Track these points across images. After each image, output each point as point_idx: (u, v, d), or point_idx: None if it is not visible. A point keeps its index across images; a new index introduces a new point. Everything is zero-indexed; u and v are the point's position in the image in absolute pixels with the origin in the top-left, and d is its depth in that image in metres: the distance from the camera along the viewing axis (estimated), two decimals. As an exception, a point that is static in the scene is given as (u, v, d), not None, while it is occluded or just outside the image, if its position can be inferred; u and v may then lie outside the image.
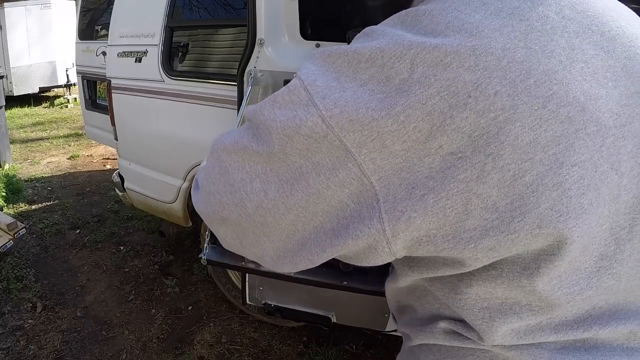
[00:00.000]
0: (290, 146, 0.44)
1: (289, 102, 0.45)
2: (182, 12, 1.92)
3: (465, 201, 0.40)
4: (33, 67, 7.56)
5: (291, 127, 0.43)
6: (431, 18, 0.43)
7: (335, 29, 1.56)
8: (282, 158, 0.45)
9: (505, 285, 0.46)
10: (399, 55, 0.41)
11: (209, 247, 1.23)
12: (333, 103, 0.42)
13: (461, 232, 0.41)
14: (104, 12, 3.15)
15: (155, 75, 1.94)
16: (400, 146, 0.40)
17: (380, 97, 0.40)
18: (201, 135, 1.83)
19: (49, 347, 2.01)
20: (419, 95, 0.39)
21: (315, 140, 0.43)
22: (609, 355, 0.48)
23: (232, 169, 0.50)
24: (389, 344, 2.00)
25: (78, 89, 3.53)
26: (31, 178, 4.17)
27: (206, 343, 2.05)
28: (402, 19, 0.46)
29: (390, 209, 0.41)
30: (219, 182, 0.51)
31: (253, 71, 1.40)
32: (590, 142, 0.40)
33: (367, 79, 0.42)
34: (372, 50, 0.42)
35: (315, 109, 0.42)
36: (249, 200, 0.48)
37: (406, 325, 0.62)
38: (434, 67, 0.39)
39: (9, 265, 2.59)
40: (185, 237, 2.93)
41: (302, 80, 0.45)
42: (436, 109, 0.39)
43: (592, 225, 0.42)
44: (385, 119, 0.40)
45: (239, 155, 0.49)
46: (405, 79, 0.40)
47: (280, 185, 0.46)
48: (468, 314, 0.49)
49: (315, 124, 0.42)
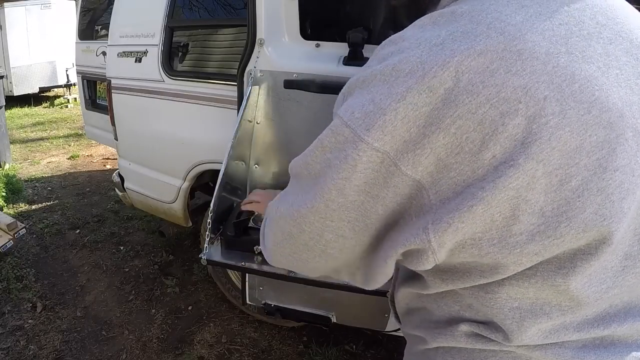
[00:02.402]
0: (348, 187, 0.44)
1: (336, 144, 0.44)
2: (182, 12, 1.92)
3: (514, 207, 0.40)
4: (33, 67, 7.55)
5: (346, 169, 0.43)
6: (470, 19, 0.41)
7: (335, 29, 1.56)
8: (342, 203, 0.45)
9: (539, 285, 0.46)
10: (442, 64, 0.39)
11: (209, 247, 1.23)
12: (380, 131, 0.40)
13: (507, 236, 0.41)
14: (104, 12, 3.15)
15: (155, 75, 1.93)
16: (454, 159, 0.39)
17: (427, 111, 0.39)
18: (201, 135, 1.83)
19: (49, 347, 2.01)
20: (468, 105, 0.38)
21: (372, 172, 0.42)
22: (626, 351, 0.49)
23: (296, 233, 0.51)
24: (389, 344, 2.00)
25: (78, 89, 3.53)
26: (31, 178, 4.17)
27: (206, 343, 2.05)
28: (434, 20, 0.44)
29: (437, 220, 0.41)
30: (291, 246, 0.53)
31: (253, 71, 1.40)
32: (628, 147, 0.40)
33: (405, 91, 0.40)
34: (412, 63, 0.40)
35: (364, 144, 0.41)
36: (331, 248, 0.50)
37: (417, 327, 0.61)
38: (480, 74, 0.38)
39: (9, 265, 2.59)
40: (185, 237, 2.93)
41: (341, 118, 0.44)
42: (487, 118, 0.38)
43: (625, 227, 0.43)
44: (437, 133, 0.39)
45: (298, 219, 0.49)
46: (451, 88, 0.38)
47: (352, 226, 0.47)
48: (497, 313, 0.49)
49: (369, 158, 0.41)
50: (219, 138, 1.67)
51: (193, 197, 2.18)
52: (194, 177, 1.93)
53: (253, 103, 1.44)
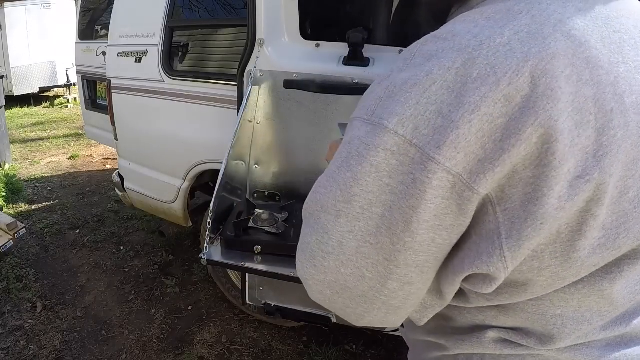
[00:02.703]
0: (416, 221, 0.38)
1: (399, 166, 0.38)
2: (182, 12, 1.92)
3: (582, 222, 0.38)
4: (33, 67, 7.55)
5: (414, 195, 0.37)
6: (532, 18, 0.38)
7: (335, 29, 1.56)
8: (410, 243, 0.40)
9: (585, 291, 0.45)
10: (516, 69, 0.35)
11: (209, 247, 1.23)
12: (453, 148, 0.36)
13: (571, 251, 0.40)
14: (104, 12, 3.15)
15: (155, 75, 1.93)
16: (532, 172, 0.36)
17: (504, 123, 0.35)
18: (201, 135, 1.83)
19: (49, 347, 2.01)
20: (549, 112, 0.35)
21: (443, 200, 0.37)
22: None
23: (352, 284, 0.43)
24: (389, 344, 2.00)
25: (78, 89, 3.53)
26: (31, 178, 4.17)
27: (206, 343, 2.04)
28: (488, 16, 0.40)
29: (513, 246, 0.38)
30: (344, 300, 0.46)
31: (253, 71, 1.40)
32: None
33: (478, 101, 0.35)
34: (480, 66, 0.36)
35: (434, 164, 0.36)
36: (394, 298, 0.44)
37: (432, 333, 0.58)
38: (557, 78, 0.35)
39: (9, 265, 2.59)
40: (185, 237, 2.93)
41: (399, 134, 0.37)
42: (566, 127, 0.35)
43: None
44: (517, 146, 0.35)
45: (357, 264, 0.42)
46: (528, 95, 0.35)
47: (420, 270, 0.42)
48: (538, 320, 0.47)
49: (440, 182, 0.37)
50: (219, 138, 1.67)
51: (193, 197, 2.18)
52: (194, 177, 1.93)
53: (253, 103, 1.44)
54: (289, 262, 1.18)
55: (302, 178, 1.52)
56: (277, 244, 1.23)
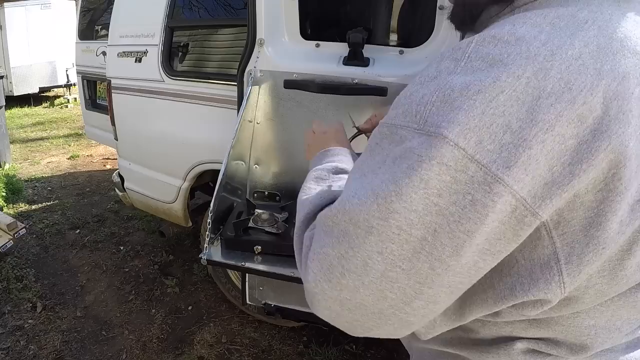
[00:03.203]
0: (469, 245, 0.35)
1: (453, 184, 0.33)
2: (182, 12, 1.92)
3: (632, 242, 0.38)
4: (33, 67, 7.55)
5: (472, 219, 0.33)
6: (599, 30, 0.35)
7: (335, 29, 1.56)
8: (453, 266, 0.36)
9: (621, 302, 0.44)
10: (590, 87, 0.33)
11: (209, 247, 1.23)
12: (523, 170, 0.32)
13: (618, 269, 0.40)
14: (104, 12, 3.15)
15: (155, 75, 1.93)
16: (594, 196, 0.34)
17: (574, 145, 0.33)
18: (201, 135, 1.83)
19: (49, 347, 2.01)
20: (621, 136, 0.33)
21: (500, 224, 0.34)
22: None
23: (372, 303, 0.39)
24: (389, 344, 2.00)
25: (78, 89, 3.53)
26: (31, 178, 4.17)
27: (206, 343, 2.04)
28: (551, 22, 0.36)
29: (573, 271, 0.37)
30: (355, 316, 0.41)
31: (253, 71, 1.40)
32: None
33: (554, 119, 0.32)
34: (554, 80, 0.33)
35: (501, 186, 0.32)
36: (413, 315, 0.39)
37: (449, 344, 0.55)
38: (627, 100, 0.33)
39: (9, 265, 2.59)
40: (185, 237, 2.93)
41: (461, 148, 0.33)
42: (634, 152, 0.34)
43: None
44: (588, 172, 0.33)
45: (382, 288, 0.37)
46: (600, 117, 0.33)
47: (451, 291, 0.39)
48: (573, 331, 0.46)
49: (503, 206, 0.33)
50: (219, 138, 1.67)
51: (193, 197, 2.18)
52: (194, 177, 1.93)
53: (253, 103, 1.43)
54: (289, 262, 1.18)
55: (302, 178, 1.51)
56: (277, 244, 1.23)
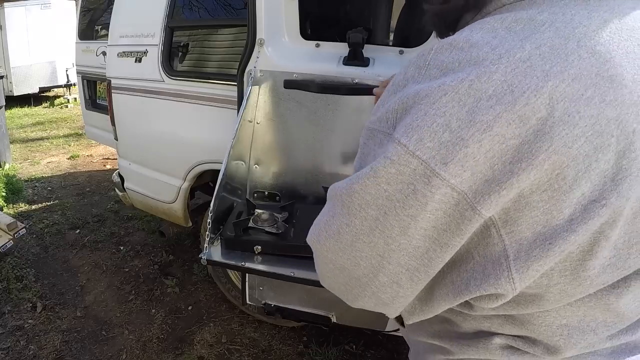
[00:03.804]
0: (414, 228, 0.38)
1: (398, 176, 0.37)
2: (182, 12, 1.92)
3: (594, 243, 0.38)
4: (33, 67, 7.55)
5: (414, 206, 0.37)
6: (556, 31, 0.36)
7: (335, 29, 1.56)
8: (404, 245, 0.40)
9: (592, 304, 0.45)
10: (535, 89, 0.34)
11: (209, 247, 1.23)
12: (460, 166, 0.35)
13: (580, 270, 0.40)
14: (104, 12, 3.15)
15: (155, 75, 1.93)
16: (539, 196, 0.36)
17: (516, 145, 0.34)
18: (201, 135, 1.83)
19: (49, 347, 2.01)
20: (564, 138, 0.34)
21: (444, 215, 0.37)
22: None
23: (350, 266, 0.45)
24: (389, 344, 2.00)
25: (78, 89, 3.53)
26: (31, 178, 4.17)
27: (206, 343, 2.04)
28: (508, 26, 0.38)
29: (521, 267, 0.38)
30: (344, 277, 0.47)
31: (253, 71, 1.40)
32: None
33: (491, 120, 0.34)
34: (496, 83, 0.35)
35: (438, 180, 0.36)
36: (383, 292, 0.45)
37: (436, 337, 0.58)
38: (576, 102, 0.34)
39: (9, 265, 2.59)
40: (185, 237, 2.93)
41: (404, 145, 0.36)
42: (581, 153, 0.34)
43: None
44: (528, 171, 0.34)
45: (353, 252, 0.43)
46: (544, 118, 0.34)
47: (410, 275, 0.42)
48: (544, 331, 0.47)
49: (443, 197, 0.36)
50: (219, 138, 1.67)
51: (193, 197, 2.18)
52: (194, 177, 1.93)
53: (253, 103, 1.44)
54: (289, 262, 1.18)
55: (302, 178, 1.52)
56: (277, 244, 1.23)
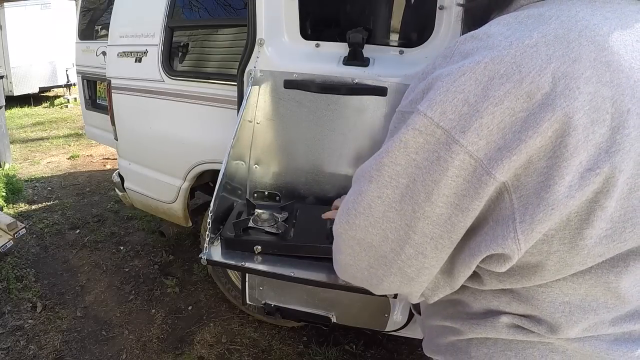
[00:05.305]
0: (436, 194, 0.43)
1: (426, 144, 0.43)
2: (182, 12, 1.92)
3: (590, 212, 0.42)
4: (33, 67, 7.55)
5: (437, 171, 0.43)
6: (561, 24, 0.42)
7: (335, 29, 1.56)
8: (429, 213, 0.44)
9: (592, 282, 0.48)
10: (539, 69, 0.39)
11: (209, 247, 1.23)
12: (476, 134, 0.40)
13: (578, 238, 0.43)
14: (104, 12, 3.15)
15: (155, 75, 1.93)
16: (545, 162, 0.40)
17: (524, 116, 0.40)
18: (201, 135, 1.83)
19: (49, 347, 2.01)
20: (565, 109, 0.39)
21: (463, 181, 0.42)
22: None
23: (377, 242, 0.49)
24: (389, 344, 2.00)
25: (78, 89, 3.53)
26: (31, 178, 4.17)
27: (206, 343, 2.05)
28: (520, 20, 0.44)
29: (526, 230, 0.42)
30: (369, 258, 0.51)
31: (253, 71, 1.40)
32: None
33: (503, 95, 0.40)
34: (507, 64, 0.40)
35: (458, 146, 0.41)
36: (409, 266, 0.49)
37: (449, 318, 0.62)
38: (576, 79, 0.39)
39: (9, 265, 2.59)
40: (185, 237, 2.93)
41: (429, 117, 0.42)
42: (580, 124, 0.39)
43: None
44: (534, 138, 0.39)
45: (384, 224, 0.47)
46: (547, 93, 0.39)
47: (435, 244, 0.46)
48: (547, 307, 0.51)
49: (462, 163, 0.41)
50: (219, 138, 1.67)
51: (193, 197, 2.18)
52: (194, 177, 1.93)
53: (253, 103, 1.43)
54: (289, 262, 1.18)
55: (302, 178, 1.52)
56: (277, 244, 1.23)
